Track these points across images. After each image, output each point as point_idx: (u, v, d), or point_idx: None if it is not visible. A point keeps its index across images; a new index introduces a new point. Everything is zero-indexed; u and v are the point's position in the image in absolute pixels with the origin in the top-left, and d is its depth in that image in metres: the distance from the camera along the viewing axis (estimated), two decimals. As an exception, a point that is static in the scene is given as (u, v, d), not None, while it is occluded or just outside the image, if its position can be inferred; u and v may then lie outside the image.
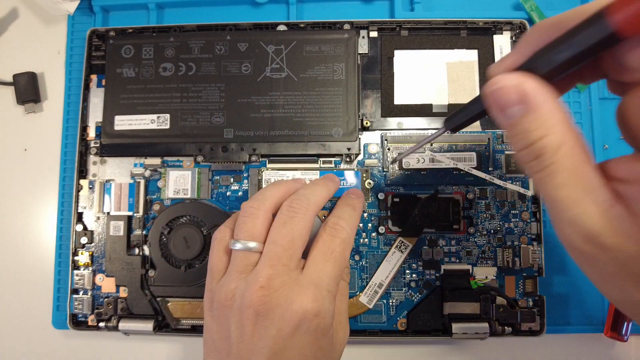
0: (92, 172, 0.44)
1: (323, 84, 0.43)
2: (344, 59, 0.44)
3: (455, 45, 0.45)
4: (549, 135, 0.20)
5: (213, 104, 0.44)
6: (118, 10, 0.49)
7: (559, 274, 0.44)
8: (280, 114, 0.43)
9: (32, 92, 0.48)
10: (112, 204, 0.44)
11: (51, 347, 0.46)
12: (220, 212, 0.43)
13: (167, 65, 0.44)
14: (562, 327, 0.43)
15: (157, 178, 0.44)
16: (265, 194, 0.34)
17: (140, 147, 0.44)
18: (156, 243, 0.42)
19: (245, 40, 0.44)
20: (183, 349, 0.45)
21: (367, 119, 0.44)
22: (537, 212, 0.42)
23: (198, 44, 0.44)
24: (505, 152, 0.43)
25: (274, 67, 0.44)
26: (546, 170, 0.21)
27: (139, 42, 0.45)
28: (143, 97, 0.44)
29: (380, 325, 0.42)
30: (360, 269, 0.42)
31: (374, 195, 0.43)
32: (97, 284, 0.43)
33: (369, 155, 0.44)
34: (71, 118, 0.47)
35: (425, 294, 0.42)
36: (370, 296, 0.41)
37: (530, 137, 0.21)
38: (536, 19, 0.45)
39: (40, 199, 0.48)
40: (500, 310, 0.41)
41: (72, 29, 0.49)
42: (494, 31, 0.45)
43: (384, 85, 0.44)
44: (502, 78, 0.22)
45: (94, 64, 0.46)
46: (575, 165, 0.20)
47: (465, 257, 0.42)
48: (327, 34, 0.44)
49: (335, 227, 0.33)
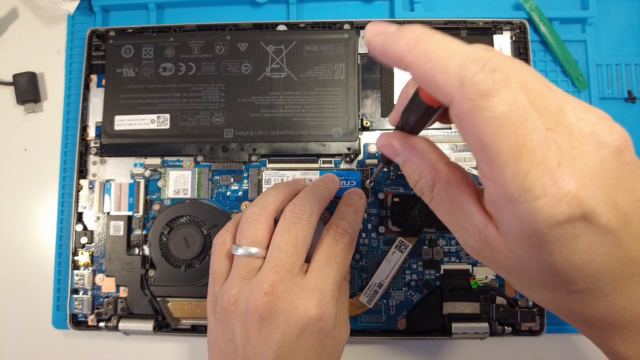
0: (92, 172, 0.44)
1: (323, 84, 0.43)
2: (344, 59, 0.44)
3: (455, 45, 0.44)
4: (422, 178, 0.25)
5: (213, 104, 0.44)
6: (118, 10, 0.49)
7: (558, 273, 0.44)
8: (280, 114, 0.43)
9: (32, 92, 0.48)
10: (112, 203, 0.44)
11: (51, 347, 0.46)
12: (220, 212, 0.43)
13: (167, 65, 0.44)
14: (562, 327, 0.43)
15: (157, 178, 0.44)
16: (266, 199, 0.34)
17: (140, 147, 0.44)
18: (156, 243, 0.42)
19: (245, 40, 0.44)
20: (183, 348, 0.45)
21: (367, 119, 0.44)
22: (537, 212, 0.42)
23: (198, 44, 0.44)
24: (505, 152, 0.43)
25: (274, 67, 0.44)
26: (431, 203, 0.25)
27: (139, 42, 0.45)
28: (143, 97, 0.44)
29: (380, 325, 0.42)
30: (360, 268, 0.42)
31: (374, 195, 0.43)
32: (97, 283, 0.43)
33: (369, 155, 0.44)
34: (71, 118, 0.47)
35: (425, 293, 0.42)
36: (370, 296, 0.41)
37: (411, 180, 0.26)
38: (536, 19, 0.45)
39: (40, 199, 0.48)
40: (500, 310, 0.41)
41: (72, 29, 0.49)
42: (494, 31, 0.45)
43: (384, 85, 0.44)
44: (379, 138, 0.27)
45: (94, 64, 0.46)
46: (452, 197, 0.24)
47: (465, 257, 0.42)
48: (327, 33, 0.44)
49: (338, 230, 0.33)
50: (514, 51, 0.44)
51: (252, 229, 0.32)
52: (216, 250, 0.34)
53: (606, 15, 0.47)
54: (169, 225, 0.43)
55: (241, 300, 0.30)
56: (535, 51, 0.46)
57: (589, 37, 0.46)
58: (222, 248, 0.34)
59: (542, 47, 0.46)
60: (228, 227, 0.35)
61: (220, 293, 0.32)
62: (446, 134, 0.43)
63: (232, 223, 0.35)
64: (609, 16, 0.48)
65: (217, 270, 0.33)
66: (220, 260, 0.33)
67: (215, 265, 0.34)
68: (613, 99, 0.46)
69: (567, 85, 0.46)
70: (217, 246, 0.34)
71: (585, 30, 0.47)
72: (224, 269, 0.33)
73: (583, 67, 0.46)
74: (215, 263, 0.34)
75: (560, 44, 0.45)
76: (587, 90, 0.46)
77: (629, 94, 0.46)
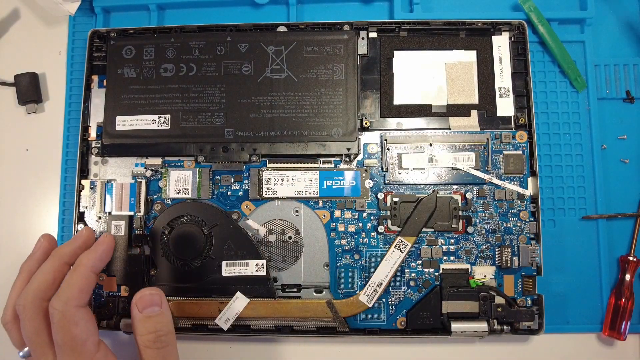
0: (94, 172, 0.44)
1: (323, 85, 0.44)
2: (343, 60, 0.44)
3: (454, 46, 0.45)
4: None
5: (214, 104, 0.44)
6: (119, 11, 0.49)
7: (557, 273, 0.44)
8: (280, 114, 0.43)
9: (33, 92, 0.48)
10: (113, 203, 0.44)
11: (53, 346, 0.46)
12: (220, 212, 0.43)
13: (168, 65, 0.45)
14: (561, 326, 0.44)
15: (158, 178, 0.44)
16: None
17: (141, 147, 0.44)
18: (157, 242, 0.43)
19: (246, 41, 0.45)
20: (184, 347, 0.45)
21: (366, 119, 0.44)
22: (535, 212, 0.42)
23: (199, 44, 0.45)
24: (504, 152, 0.43)
25: (274, 68, 0.44)
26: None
27: (139, 43, 0.45)
28: (144, 98, 0.44)
29: (379, 324, 0.42)
30: (359, 268, 0.43)
31: (374, 195, 0.43)
32: (99, 283, 0.43)
33: (368, 155, 0.44)
34: (72, 118, 0.48)
35: (424, 292, 0.42)
36: (370, 295, 0.41)
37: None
38: (535, 20, 0.45)
39: (41, 198, 0.48)
40: (499, 309, 0.41)
41: (73, 30, 0.49)
42: (493, 32, 0.45)
43: (384, 86, 0.45)
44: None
45: (95, 65, 0.46)
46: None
47: (464, 256, 0.42)
48: (326, 34, 0.44)
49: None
50: (513, 52, 0.45)
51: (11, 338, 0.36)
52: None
53: (604, 16, 0.48)
54: (169, 225, 0.43)
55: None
56: (534, 52, 0.46)
57: (587, 38, 0.47)
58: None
59: (540, 47, 0.46)
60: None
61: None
62: (445, 134, 0.44)
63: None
64: (607, 17, 0.48)
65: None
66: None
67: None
68: (611, 99, 0.46)
69: (565, 85, 0.46)
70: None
71: (583, 30, 0.47)
72: None
73: (581, 67, 0.46)
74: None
75: (559, 44, 0.46)
76: (585, 91, 0.46)
77: (627, 94, 0.46)
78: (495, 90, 0.44)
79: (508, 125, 0.44)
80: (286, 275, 0.43)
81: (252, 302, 0.41)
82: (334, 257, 0.43)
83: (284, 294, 0.43)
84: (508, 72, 0.44)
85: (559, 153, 0.45)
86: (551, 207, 0.45)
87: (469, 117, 0.44)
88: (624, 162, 0.46)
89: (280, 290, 0.43)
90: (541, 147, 0.45)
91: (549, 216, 0.45)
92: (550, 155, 0.45)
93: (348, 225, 0.43)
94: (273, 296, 0.42)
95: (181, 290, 0.42)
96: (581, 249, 0.44)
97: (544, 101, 0.46)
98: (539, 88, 0.46)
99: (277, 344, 0.45)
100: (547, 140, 0.46)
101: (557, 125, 0.46)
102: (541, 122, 0.46)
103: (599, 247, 0.44)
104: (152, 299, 0.35)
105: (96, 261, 0.37)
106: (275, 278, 0.43)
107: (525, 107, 0.44)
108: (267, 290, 0.42)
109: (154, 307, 0.35)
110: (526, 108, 0.44)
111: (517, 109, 0.44)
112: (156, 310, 0.35)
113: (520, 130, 0.43)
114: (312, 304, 0.41)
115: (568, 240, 0.45)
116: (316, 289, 0.43)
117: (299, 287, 0.43)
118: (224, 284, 0.42)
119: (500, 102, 0.44)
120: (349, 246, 0.43)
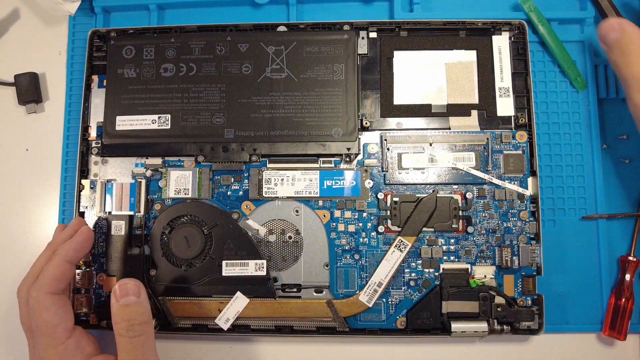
0: (94, 172, 0.44)
1: (323, 85, 0.44)
2: (343, 60, 0.44)
3: (454, 45, 0.45)
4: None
5: (214, 104, 0.44)
6: (119, 11, 0.49)
7: (557, 272, 0.44)
8: (280, 114, 0.43)
9: (33, 92, 0.48)
10: (113, 203, 0.44)
11: (53, 346, 0.46)
12: (220, 212, 0.43)
13: (168, 65, 0.45)
14: (561, 326, 0.44)
15: (158, 178, 0.44)
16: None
17: (141, 147, 0.44)
18: (157, 242, 0.43)
19: (246, 41, 0.45)
20: (184, 347, 0.45)
21: (366, 119, 0.44)
22: (535, 212, 0.42)
23: (199, 44, 0.45)
24: (504, 152, 0.43)
25: (274, 68, 0.44)
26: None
27: (139, 43, 0.45)
28: (144, 98, 0.44)
29: (379, 324, 0.42)
30: (359, 267, 0.43)
31: (374, 195, 0.43)
32: (99, 283, 0.43)
33: (368, 155, 0.44)
34: (72, 118, 0.48)
35: (424, 292, 0.42)
36: (370, 295, 0.42)
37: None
38: (535, 20, 0.45)
39: (41, 198, 0.48)
40: (499, 309, 0.41)
41: (73, 30, 0.49)
42: (493, 32, 0.45)
43: (384, 86, 0.45)
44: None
45: (95, 65, 0.46)
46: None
47: (464, 256, 0.42)
48: (327, 34, 0.44)
49: None
50: (513, 52, 0.45)
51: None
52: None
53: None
54: (169, 225, 0.43)
55: None
56: (534, 52, 0.46)
57: (587, 38, 0.47)
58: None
59: (540, 47, 0.46)
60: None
61: None
62: (445, 134, 0.44)
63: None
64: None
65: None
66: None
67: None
68: (611, 99, 0.46)
69: (565, 85, 0.46)
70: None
71: (583, 30, 0.47)
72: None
73: (581, 67, 0.46)
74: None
75: (559, 44, 0.46)
76: (585, 91, 0.46)
77: (627, 94, 0.46)
78: (495, 90, 0.44)
79: (508, 125, 0.44)
80: (286, 275, 0.43)
81: (252, 302, 0.41)
82: (334, 257, 0.43)
83: (284, 294, 0.43)
84: (508, 72, 0.44)
85: (559, 153, 0.45)
86: (551, 207, 0.45)
87: (469, 117, 0.44)
88: (624, 162, 0.46)
89: (280, 290, 0.43)
90: (541, 147, 0.45)
91: (549, 216, 0.45)
92: (550, 155, 0.45)
93: (348, 225, 0.43)
94: (273, 296, 0.42)
95: (181, 290, 0.42)
96: (581, 249, 0.44)
97: (544, 101, 0.46)
98: (539, 88, 0.46)
99: (277, 344, 0.45)
100: (547, 140, 0.46)
101: (557, 125, 0.46)
102: (541, 122, 0.46)
103: (599, 247, 0.44)
104: (130, 288, 0.36)
105: (70, 251, 0.38)
106: (275, 278, 0.43)
107: (525, 107, 0.44)
108: (267, 290, 0.42)
109: (131, 296, 0.36)
110: (526, 108, 0.44)
111: (517, 108, 0.44)
112: (132, 299, 0.36)
113: (520, 130, 0.43)
114: (312, 304, 0.41)
115: (568, 240, 0.45)
116: (316, 289, 0.43)
117: (299, 287, 0.43)
118: (224, 284, 0.42)
119: (500, 102, 0.44)
120: (349, 246, 0.43)
